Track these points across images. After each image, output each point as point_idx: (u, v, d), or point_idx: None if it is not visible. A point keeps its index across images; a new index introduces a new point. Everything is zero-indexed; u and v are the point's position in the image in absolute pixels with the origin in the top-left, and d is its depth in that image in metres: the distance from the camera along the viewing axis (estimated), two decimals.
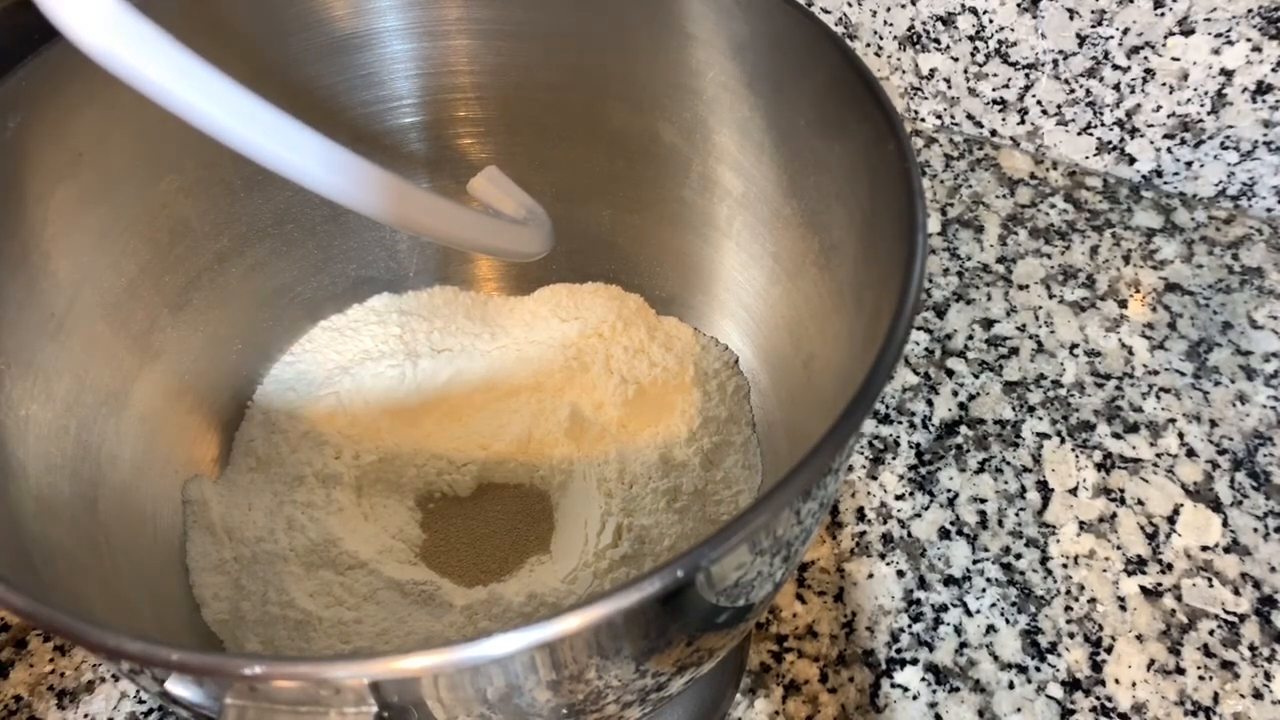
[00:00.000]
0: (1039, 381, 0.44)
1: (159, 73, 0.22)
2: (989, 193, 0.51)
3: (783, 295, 0.33)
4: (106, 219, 0.30)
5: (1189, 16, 0.44)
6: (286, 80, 0.33)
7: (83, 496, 0.28)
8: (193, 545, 0.33)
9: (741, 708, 0.35)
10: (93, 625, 0.17)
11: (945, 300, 0.47)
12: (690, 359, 0.37)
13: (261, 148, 0.24)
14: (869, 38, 0.53)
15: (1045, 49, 0.48)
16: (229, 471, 0.35)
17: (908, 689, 0.35)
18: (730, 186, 0.34)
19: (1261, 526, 0.39)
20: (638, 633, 0.19)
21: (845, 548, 0.38)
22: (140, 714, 0.35)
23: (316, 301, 0.38)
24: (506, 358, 0.39)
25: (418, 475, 0.36)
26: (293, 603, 0.31)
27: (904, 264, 0.22)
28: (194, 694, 0.18)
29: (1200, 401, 0.43)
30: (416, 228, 0.29)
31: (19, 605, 0.18)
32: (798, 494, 0.19)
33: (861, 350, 0.24)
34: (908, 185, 0.23)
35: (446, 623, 0.31)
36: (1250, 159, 0.48)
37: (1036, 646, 0.36)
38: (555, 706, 0.20)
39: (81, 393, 0.29)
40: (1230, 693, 0.35)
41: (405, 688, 0.17)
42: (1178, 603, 0.37)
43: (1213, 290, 0.47)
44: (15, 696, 0.35)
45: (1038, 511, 0.39)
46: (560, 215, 0.34)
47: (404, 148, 0.37)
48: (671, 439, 0.35)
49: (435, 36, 0.34)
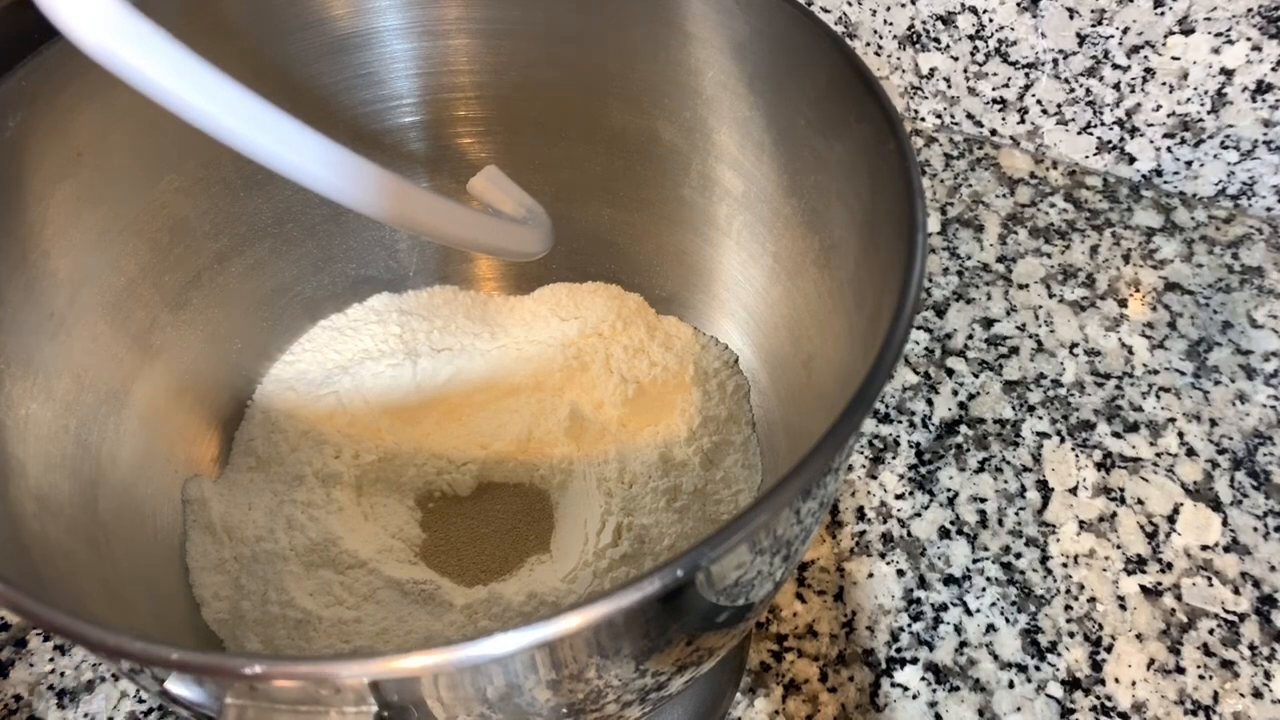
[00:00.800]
0: (1039, 381, 0.44)
1: (159, 73, 0.22)
2: (989, 192, 0.51)
3: (783, 295, 0.33)
4: (106, 218, 0.30)
5: (1189, 16, 0.44)
6: (286, 80, 0.33)
7: (82, 496, 0.28)
8: (192, 544, 0.33)
9: (741, 707, 0.35)
10: (93, 625, 0.17)
11: (945, 300, 0.47)
12: (690, 358, 0.37)
13: (261, 147, 0.24)
14: (869, 37, 0.53)
15: (1045, 48, 0.48)
16: (229, 471, 0.35)
17: (908, 688, 0.35)
18: (730, 186, 0.34)
19: (1261, 526, 0.39)
20: (638, 632, 0.19)
21: (845, 547, 0.38)
22: (140, 714, 0.35)
23: (316, 301, 0.38)
24: (506, 357, 0.39)
25: (418, 475, 0.36)
26: (292, 602, 0.31)
27: (904, 263, 0.22)
28: (194, 693, 0.18)
29: (1200, 401, 0.43)
30: (416, 227, 0.29)
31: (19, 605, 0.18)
32: (798, 493, 0.19)
33: (861, 350, 0.24)
34: (908, 184, 0.23)
35: (446, 622, 0.31)
36: (1250, 158, 0.48)
37: (1036, 646, 0.36)
38: (555, 706, 0.20)
39: (81, 392, 0.29)
40: (1230, 692, 0.35)
41: (405, 687, 0.17)
42: (1177, 602, 0.37)
43: (1213, 289, 0.47)
44: (15, 696, 0.35)
45: (1038, 511, 0.39)
46: (560, 215, 0.34)
47: (404, 147, 0.37)
48: (671, 438, 0.35)
49: (435, 36, 0.34)
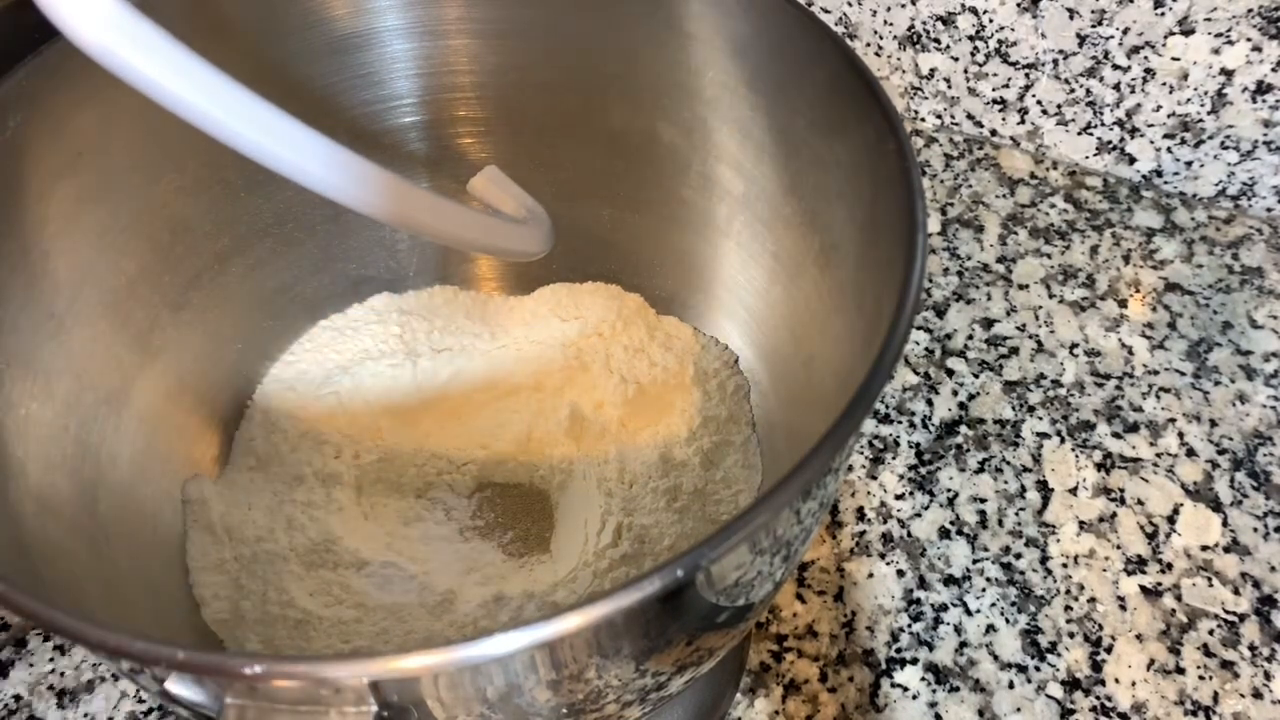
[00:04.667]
0: (1039, 381, 0.44)
1: (159, 73, 0.22)
2: (989, 192, 0.51)
3: (783, 295, 0.33)
4: (106, 218, 0.30)
5: (1189, 16, 0.44)
6: (286, 80, 0.33)
7: (83, 496, 0.28)
8: (192, 544, 0.33)
9: (741, 707, 0.35)
10: (93, 625, 0.17)
11: (945, 300, 0.47)
12: (690, 358, 0.37)
13: (261, 147, 0.24)
14: (869, 37, 0.53)
15: (1045, 49, 0.48)
16: (229, 471, 0.35)
17: (907, 688, 0.35)
18: (730, 186, 0.34)
19: (1261, 526, 0.39)
20: (638, 632, 0.19)
21: (845, 547, 0.38)
22: (140, 714, 0.35)
23: (316, 301, 0.38)
24: (506, 357, 0.39)
25: (418, 475, 0.36)
26: (292, 602, 0.31)
27: (904, 264, 0.22)
28: (194, 693, 0.18)
29: (1200, 401, 0.43)
30: (416, 227, 0.29)
31: (19, 605, 0.18)
32: (798, 494, 0.19)
33: (861, 350, 0.24)
34: (908, 185, 0.23)
35: (446, 622, 0.31)
36: (1250, 159, 0.48)
37: (1036, 646, 0.36)
38: (555, 706, 0.20)
39: (81, 392, 0.29)
40: (1230, 692, 0.35)
41: (405, 687, 0.17)
42: (1177, 602, 0.37)
43: (1213, 290, 0.47)
44: (15, 696, 0.35)
45: (1037, 511, 0.39)
46: (560, 215, 0.34)
47: (404, 148, 0.37)
48: (671, 438, 0.35)
49: (435, 36, 0.34)
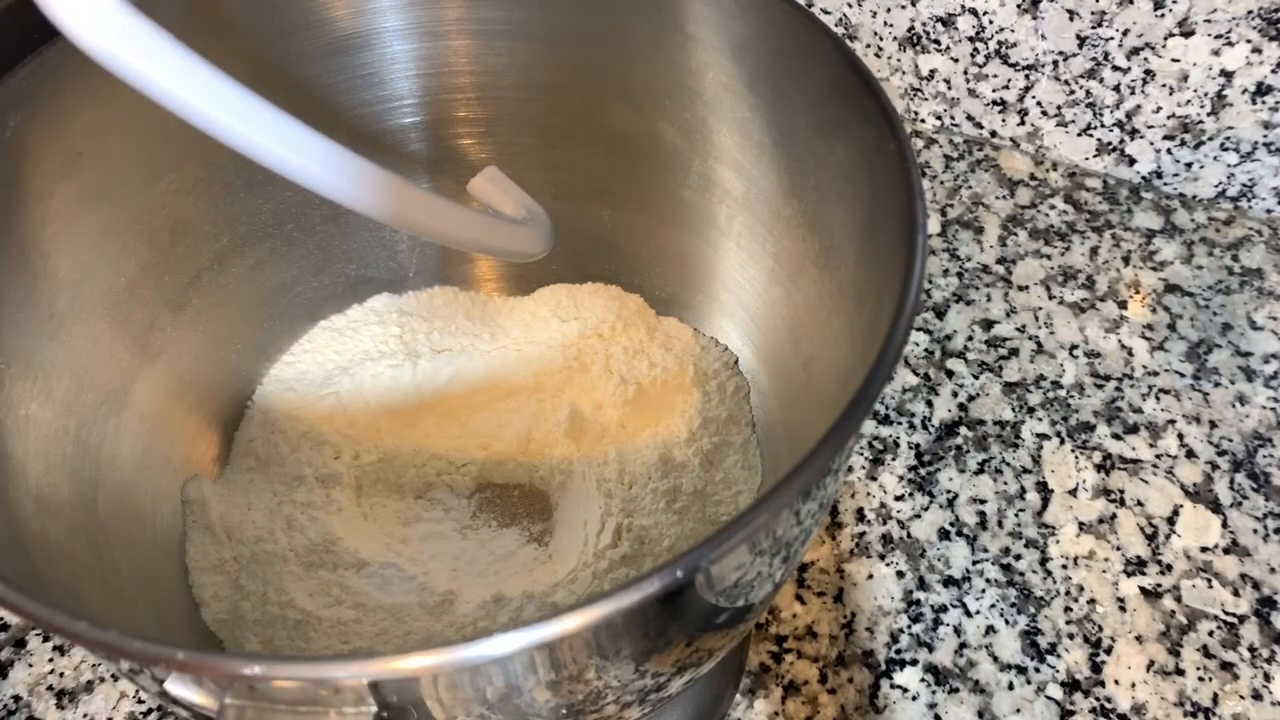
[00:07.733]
0: (1039, 382, 0.44)
1: (159, 73, 0.22)
2: (989, 193, 0.51)
3: (783, 295, 0.33)
4: (106, 218, 0.30)
5: (1189, 18, 0.44)
6: (286, 80, 0.33)
7: (82, 496, 0.28)
8: (192, 545, 0.33)
9: (741, 708, 0.35)
10: (93, 625, 0.17)
11: (945, 301, 0.47)
12: (690, 359, 0.37)
13: (261, 147, 0.24)
14: (869, 38, 0.53)
15: (1045, 50, 0.48)
16: (229, 471, 0.35)
17: (907, 690, 0.35)
18: (730, 187, 0.34)
19: (1261, 527, 0.39)
20: (637, 633, 0.19)
21: (845, 548, 0.38)
22: (140, 714, 0.35)
23: (316, 301, 0.38)
24: (506, 358, 0.39)
25: (417, 475, 0.36)
26: (292, 603, 0.31)
27: (904, 264, 0.22)
28: (193, 694, 0.18)
29: (1200, 402, 0.43)
30: (416, 228, 0.29)
31: (19, 605, 0.18)
32: (797, 494, 0.19)
33: (861, 351, 0.24)
34: (908, 186, 0.23)
35: (446, 623, 0.31)
36: (1250, 160, 0.48)
37: (1036, 647, 0.36)
38: (555, 706, 0.20)
39: (81, 392, 0.29)
40: (1230, 693, 0.35)
41: (405, 688, 0.17)
42: (1177, 604, 0.37)
43: (1212, 291, 0.47)
44: (15, 696, 0.35)
45: (1037, 512, 0.39)
46: (560, 215, 0.34)
47: (404, 148, 0.37)
48: (671, 439, 0.35)
49: (435, 36, 0.34)
